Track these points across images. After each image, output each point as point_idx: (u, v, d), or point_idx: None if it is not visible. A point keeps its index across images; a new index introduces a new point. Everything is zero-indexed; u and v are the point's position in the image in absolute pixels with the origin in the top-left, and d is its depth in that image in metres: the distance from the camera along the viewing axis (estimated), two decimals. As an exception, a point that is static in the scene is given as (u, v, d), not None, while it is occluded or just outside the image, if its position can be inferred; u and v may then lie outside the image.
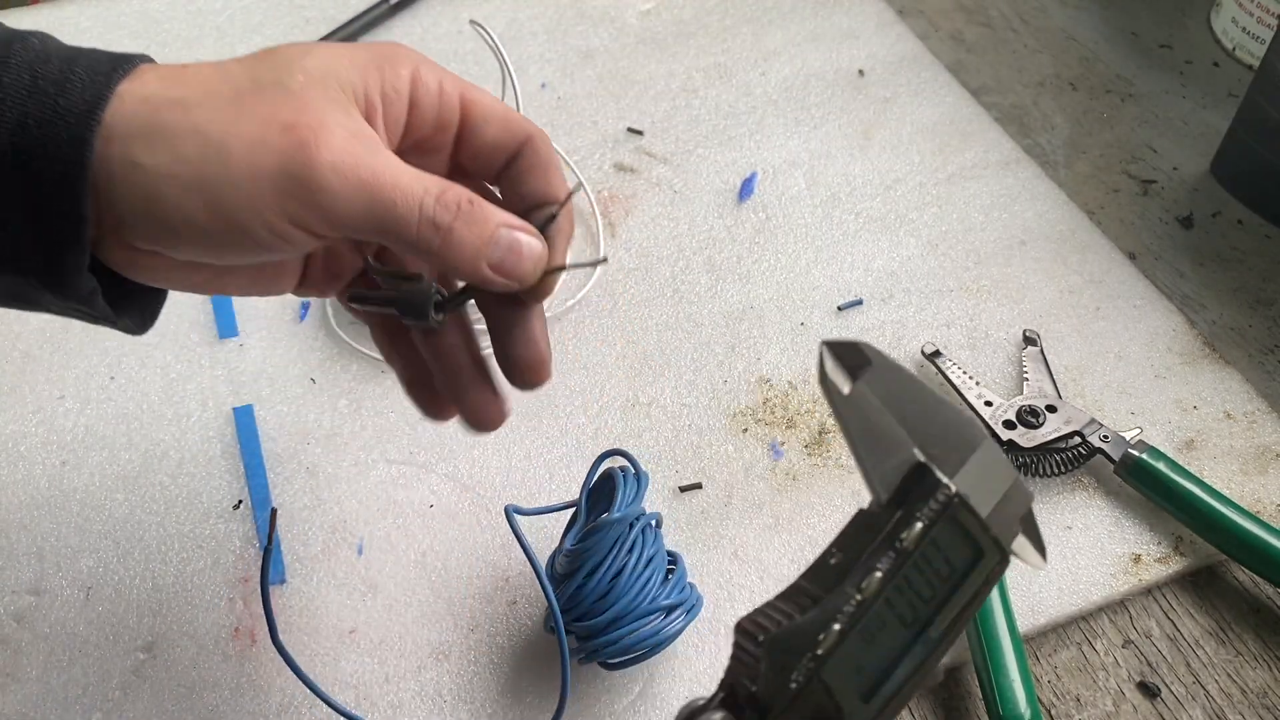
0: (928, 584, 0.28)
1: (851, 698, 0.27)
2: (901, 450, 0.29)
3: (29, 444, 0.54)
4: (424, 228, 0.33)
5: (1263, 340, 0.61)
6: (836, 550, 0.28)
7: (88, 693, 0.45)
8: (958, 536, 0.28)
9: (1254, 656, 0.48)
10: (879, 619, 0.27)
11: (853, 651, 0.27)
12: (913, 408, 0.29)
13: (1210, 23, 0.81)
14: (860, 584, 0.27)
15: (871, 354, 0.29)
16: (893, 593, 0.27)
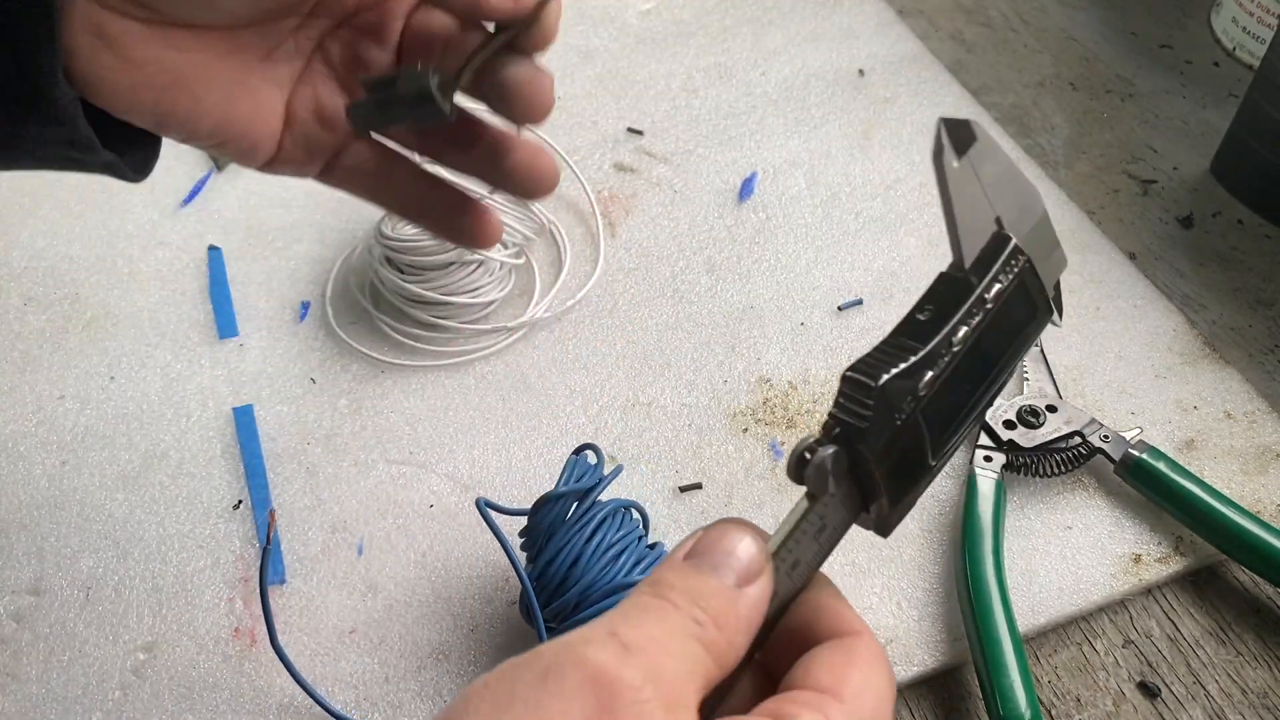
0: (997, 337, 0.32)
1: (935, 431, 0.30)
2: (986, 219, 0.32)
3: (29, 444, 0.54)
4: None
5: (1263, 340, 0.61)
6: (924, 307, 0.32)
7: (87, 693, 0.45)
8: (1023, 297, 0.32)
9: (1254, 656, 0.48)
10: (961, 368, 0.31)
11: (941, 393, 0.30)
12: (995, 177, 0.33)
13: (1210, 22, 0.81)
14: (950, 335, 0.30)
15: (978, 134, 0.32)
16: (973, 343, 0.31)
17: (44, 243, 0.63)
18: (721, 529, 0.29)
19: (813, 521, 0.29)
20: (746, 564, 0.28)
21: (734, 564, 0.28)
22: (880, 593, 0.49)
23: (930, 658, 0.47)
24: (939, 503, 0.52)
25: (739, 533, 0.29)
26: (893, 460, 0.29)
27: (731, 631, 0.27)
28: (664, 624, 0.26)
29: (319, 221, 0.65)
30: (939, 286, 0.32)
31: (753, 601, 0.28)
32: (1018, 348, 0.33)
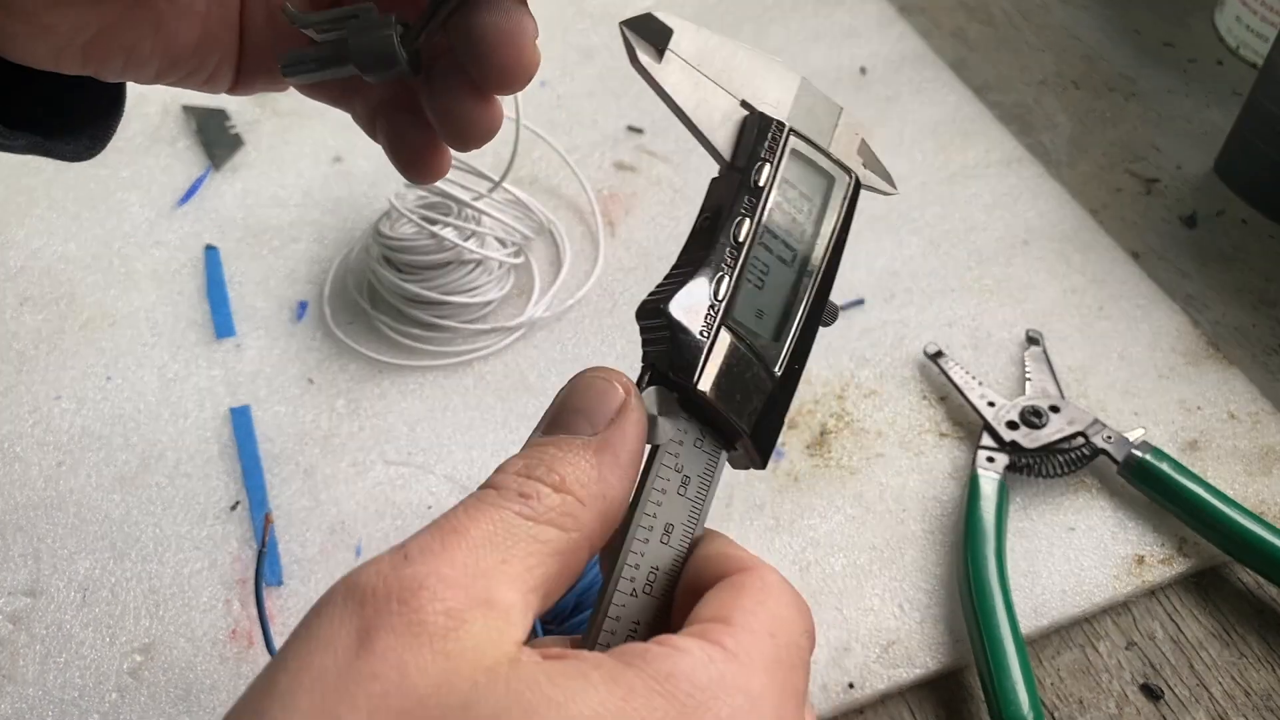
0: (793, 221, 0.29)
1: (762, 338, 0.28)
2: (730, 108, 0.29)
3: (25, 445, 0.54)
4: None
5: (1266, 340, 0.60)
6: (704, 214, 0.29)
7: (84, 695, 0.45)
8: (806, 168, 0.30)
9: (1258, 658, 0.48)
10: (761, 263, 0.28)
11: (748, 297, 0.28)
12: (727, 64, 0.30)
13: (1214, 21, 0.81)
14: (732, 233, 0.28)
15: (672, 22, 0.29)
16: (765, 236, 0.28)
17: (40, 242, 0.63)
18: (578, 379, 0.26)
19: (668, 476, 0.26)
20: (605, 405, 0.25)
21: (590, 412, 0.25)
22: (881, 594, 0.49)
23: (932, 659, 0.47)
24: (941, 504, 0.52)
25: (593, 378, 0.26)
26: (725, 384, 0.27)
27: (585, 485, 0.24)
28: (472, 515, 0.23)
29: (316, 221, 0.65)
30: (712, 190, 0.30)
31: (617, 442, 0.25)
32: (832, 221, 0.30)
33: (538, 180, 0.67)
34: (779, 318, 0.29)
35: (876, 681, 0.46)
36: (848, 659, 0.47)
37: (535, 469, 0.24)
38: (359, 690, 0.20)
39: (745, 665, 0.22)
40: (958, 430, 0.55)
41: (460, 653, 0.21)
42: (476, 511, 0.23)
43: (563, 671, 0.21)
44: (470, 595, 0.22)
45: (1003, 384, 0.57)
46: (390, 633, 0.21)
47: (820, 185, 0.30)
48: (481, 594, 0.22)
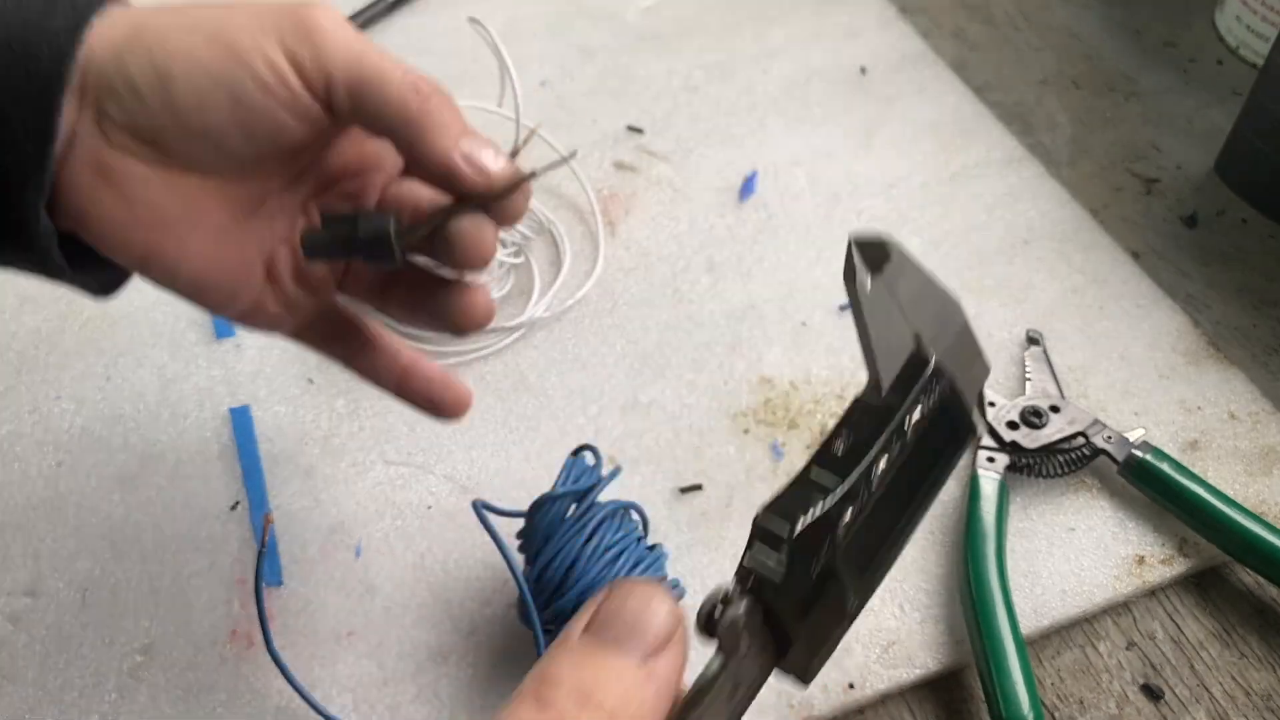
0: (918, 466, 0.29)
1: (854, 573, 0.28)
2: (902, 339, 0.30)
3: (24, 444, 0.53)
4: (405, 89, 0.34)
5: (1267, 340, 0.60)
6: (839, 438, 0.29)
7: (84, 695, 0.45)
8: (945, 423, 0.30)
9: (1258, 659, 0.48)
10: (883, 501, 0.28)
11: (860, 532, 0.28)
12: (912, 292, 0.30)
13: (1214, 20, 0.81)
14: (872, 472, 0.28)
15: (892, 251, 0.30)
16: (894, 477, 0.29)
17: (41, 242, 0.63)
18: (626, 590, 0.25)
19: (725, 682, 0.26)
20: (656, 630, 0.25)
21: (640, 632, 0.25)
22: (882, 594, 0.49)
23: (932, 660, 0.47)
24: (941, 504, 0.52)
25: (646, 593, 0.25)
26: (811, 609, 0.27)
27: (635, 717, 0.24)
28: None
29: (317, 220, 0.65)
30: (855, 413, 0.29)
31: (663, 677, 0.25)
32: (939, 475, 0.30)
33: (538, 180, 0.67)
34: (870, 554, 0.29)
35: (877, 682, 0.46)
36: (848, 659, 0.47)
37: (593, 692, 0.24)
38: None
39: None
40: (958, 430, 0.55)
41: None
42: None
43: None
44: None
45: (1003, 384, 0.57)
46: None
47: (948, 438, 0.30)
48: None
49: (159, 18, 0.33)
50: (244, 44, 0.33)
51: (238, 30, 0.33)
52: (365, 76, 0.34)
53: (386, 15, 0.77)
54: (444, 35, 0.76)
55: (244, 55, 0.33)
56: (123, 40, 0.32)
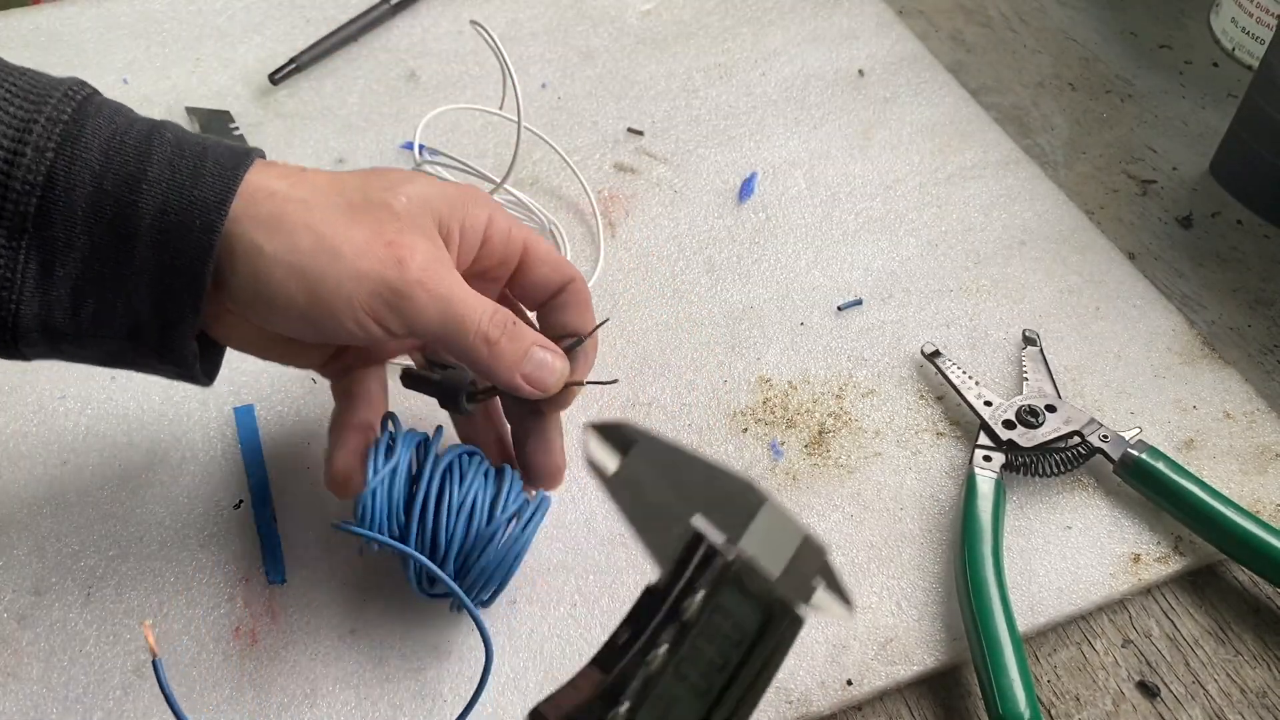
0: (719, 652, 0.28)
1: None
2: (679, 521, 0.29)
3: (29, 443, 0.54)
4: (478, 339, 0.40)
5: (1262, 340, 0.61)
6: (625, 628, 0.28)
7: (88, 692, 0.45)
8: (743, 601, 0.28)
9: (1253, 656, 0.48)
10: (669, 693, 0.27)
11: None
12: (688, 479, 0.29)
13: (1210, 23, 0.82)
14: (646, 658, 0.27)
15: (636, 433, 0.29)
16: (684, 664, 0.27)
17: (44, 243, 0.63)
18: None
19: None
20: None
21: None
22: (879, 592, 0.49)
23: (930, 657, 0.47)
24: (938, 503, 0.52)
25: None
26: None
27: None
28: None
29: (319, 221, 0.65)
30: (641, 602, 0.29)
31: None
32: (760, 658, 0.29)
33: (538, 181, 0.67)
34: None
35: (874, 679, 0.46)
36: (846, 656, 0.47)
37: None
38: None
39: None
40: (955, 429, 0.55)
41: None
42: None
43: None
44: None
45: (999, 383, 0.57)
46: None
47: (756, 620, 0.29)
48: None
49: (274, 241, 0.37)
50: (338, 308, 0.38)
51: (335, 288, 0.38)
52: (445, 333, 0.40)
53: (388, 19, 0.77)
54: (446, 38, 0.76)
55: (337, 315, 0.38)
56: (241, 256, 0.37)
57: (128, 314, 0.37)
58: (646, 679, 0.27)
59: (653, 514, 0.29)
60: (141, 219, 0.36)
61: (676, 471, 0.30)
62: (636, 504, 0.29)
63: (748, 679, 0.28)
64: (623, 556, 0.50)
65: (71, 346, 0.38)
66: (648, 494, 0.29)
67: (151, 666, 0.43)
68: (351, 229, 0.38)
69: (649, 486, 0.29)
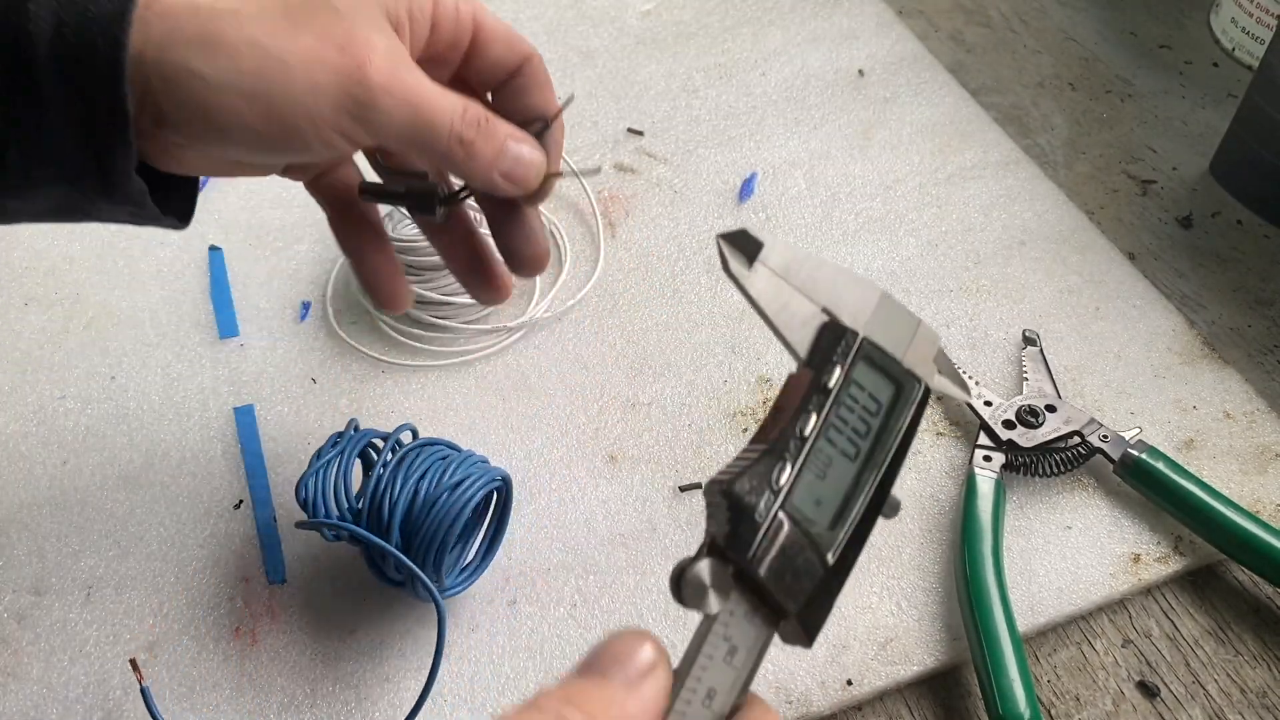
0: (861, 420, 0.31)
1: (819, 525, 0.30)
2: (809, 314, 0.32)
3: (30, 444, 0.54)
4: (452, 142, 0.37)
5: (1262, 340, 0.61)
6: (776, 407, 0.31)
7: (89, 692, 0.46)
8: (877, 375, 0.32)
9: (1253, 656, 0.48)
10: (825, 456, 0.30)
11: (809, 486, 0.30)
12: (812, 276, 0.33)
13: (1209, 23, 0.82)
14: (798, 427, 0.30)
15: (764, 237, 0.32)
16: (831, 432, 0.31)
17: (45, 243, 0.63)
18: (614, 636, 0.28)
19: (716, 644, 0.28)
20: (639, 660, 0.27)
21: (623, 662, 0.27)
22: (879, 592, 0.49)
23: (930, 657, 0.47)
24: (938, 503, 0.52)
25: (630, 635, 0.28)
26: (778, 564, 0.29)
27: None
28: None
29: (319, 221, 0.65)
30: (787, 388, 0.32)
31: (648, 695, 0.27)
32: (899, 424, 0.32)
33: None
34: (838, 507, 0.31)
35: (874, 679, 0.46)
36: (846, 656, 0.47)
37: (574, 699, 0.26)
38: None
39: None
40: (955, 429, 0.55)
41: None
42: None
43: None
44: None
45: (999, 384, 0.57)
46: None
47: (889, 390, 0.32)
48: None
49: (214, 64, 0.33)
50: (300, 127, 0.35)
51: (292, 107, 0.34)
52: (416, 139, 0.37)
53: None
54: (445, 38, 0.76)
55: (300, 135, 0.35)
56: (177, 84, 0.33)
57: (56, 154, 0.34)
58: (802, 443, 0.30)
59: (786, 310, 0.32)
60: (36, 45, 0.32)
61: (802, 270, 0.32)
62: (772, 303, 0.32)
63: (890, 444, 0.32)
64: (622, 557, 0.50)
65: (15, 202, 0.35)
66: (780, 293, 0.32)
67: (141, 694, 0.44)
68: (296, 36, 0.34)
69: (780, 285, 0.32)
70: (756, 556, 0.29)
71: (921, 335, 0.34)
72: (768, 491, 0.29)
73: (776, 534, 0.29)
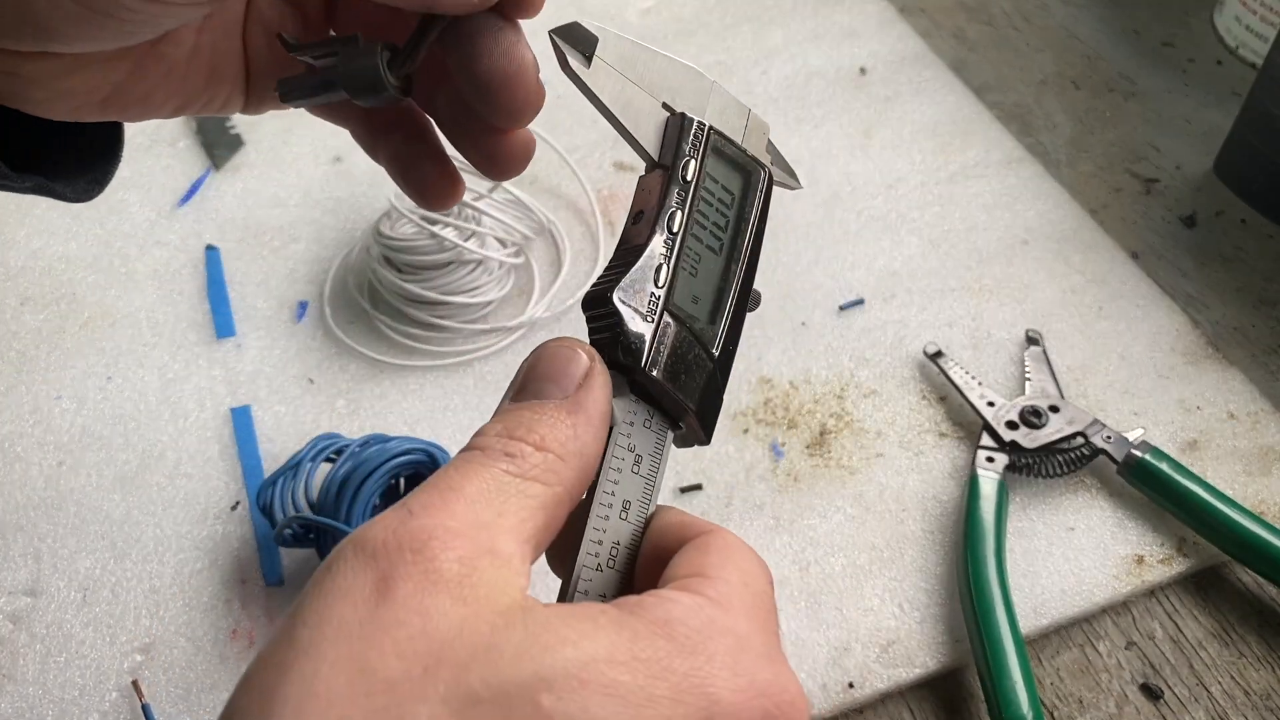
0: (719, 213, 0.31)
1: (700, 321, 0.30)
2: (653, 109, 0.31)
3: (25, 444, 0.54)
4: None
5: (1266, 340, 0.60)
6: (635, 211, 0.31)
7: (85, 694, 0.45)
8: (726, 166, 0.32)
9: (1257, 658, 0.48)
10: (694, 252, 0.30)
11: (685, 284, 0.30)
12: (647, 68, 0.32)
13: (1213, 21, 0.81)
14: (666, 224, 0.30)
15: (595, 30, 0.31)
16: (695, 228, 0.30)
17: (41, 242, 0.63)
18: (543, 348, 0.28)
19: (623, 456, 0.28)
20: (571, 371, 0.27)
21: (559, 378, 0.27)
22: (881, 594, 0.49)
23: (932, 659, 0.47)
24: (941, 504, 0.52)
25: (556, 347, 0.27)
26: (670, 364, 0.29)
27: (562, 444, 0.26)
28: (465, 474, 0.25)
29: (317, 221, 0.65)
30: (640, 188, 0.31)
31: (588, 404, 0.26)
32: (747, 212, 0.32)
33: (538, 180, 0.67)
34: (713, 302, 0.31)
35: (876, 681, 0.46)
36: (847, 658, 0.47)
37: (515, 430, 0.26)
38: (385, 637, 0.21)
39: (729, 610, 0.24)
40: (957, 430, 0.55)
41: (476, 598, 0.22)
42: (468, 470, 0.25)
43: (573, 614, 0.22)
44: (476, 545, 0.23)
45: (1002, 384, 0.57)
46: (408, 580, 0.22)
47: (739, 180, 0.32)
48: (486, 544, 0.23)
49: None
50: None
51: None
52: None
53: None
54: (444, 36, 0.76)
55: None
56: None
57: None
58: (672, 239, 0.29)
59: (627, 106, 0.31)
60: None
61: (636, 63, 0.32)
62: (613, 99, 0.31)
63: (747, 233, 0.32)
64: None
65: None
66: (620, 89, 0.31)
67: (142, 711, 0.44)
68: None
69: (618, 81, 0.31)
70: (650, 361, 0.28)
71: (753, 124, 0.33)
72: (650, 294, 0.29)
73: (664, 336, 0.29)
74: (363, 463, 0.45)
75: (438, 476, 0.25)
